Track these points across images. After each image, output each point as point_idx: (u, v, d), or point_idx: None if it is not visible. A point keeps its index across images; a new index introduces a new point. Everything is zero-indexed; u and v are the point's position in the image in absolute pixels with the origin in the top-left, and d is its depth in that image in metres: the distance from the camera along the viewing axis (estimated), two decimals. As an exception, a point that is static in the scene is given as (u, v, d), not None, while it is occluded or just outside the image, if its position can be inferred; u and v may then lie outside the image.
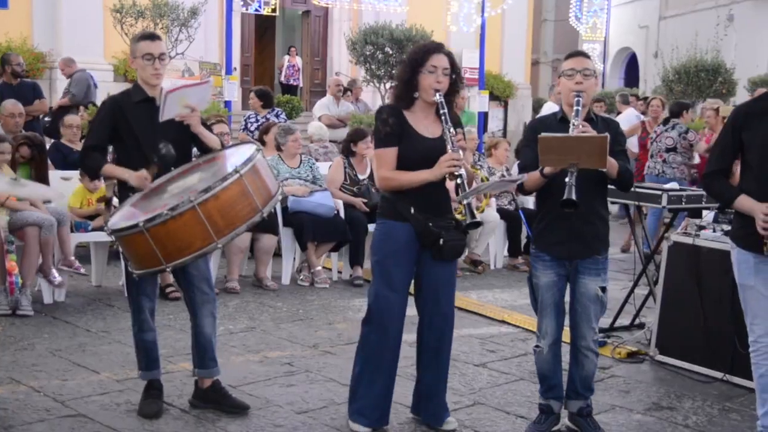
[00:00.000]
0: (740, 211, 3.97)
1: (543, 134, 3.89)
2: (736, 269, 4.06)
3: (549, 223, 4.13)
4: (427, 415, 4.33)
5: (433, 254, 4.10)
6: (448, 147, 4.00)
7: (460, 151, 4.02)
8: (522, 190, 4.25)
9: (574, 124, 3.94)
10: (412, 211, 4.06)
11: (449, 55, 4.12)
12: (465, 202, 3.96)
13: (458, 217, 4.25)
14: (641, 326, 6.20)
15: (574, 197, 3.80)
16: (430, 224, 4.05)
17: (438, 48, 4.13)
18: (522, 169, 4.18)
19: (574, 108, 4.01)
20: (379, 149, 4.15)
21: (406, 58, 4.20)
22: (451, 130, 4.03)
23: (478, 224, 4.12)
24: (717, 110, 10.07)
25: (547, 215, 4.15)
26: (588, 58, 4.20)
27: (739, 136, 3.97)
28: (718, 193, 4.12)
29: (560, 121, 4.15)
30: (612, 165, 3.98)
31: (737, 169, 4.15)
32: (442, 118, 4.04)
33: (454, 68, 4.12)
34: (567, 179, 3.84)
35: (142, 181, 4.26)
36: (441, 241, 4.04)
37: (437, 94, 4.05)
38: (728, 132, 4.06)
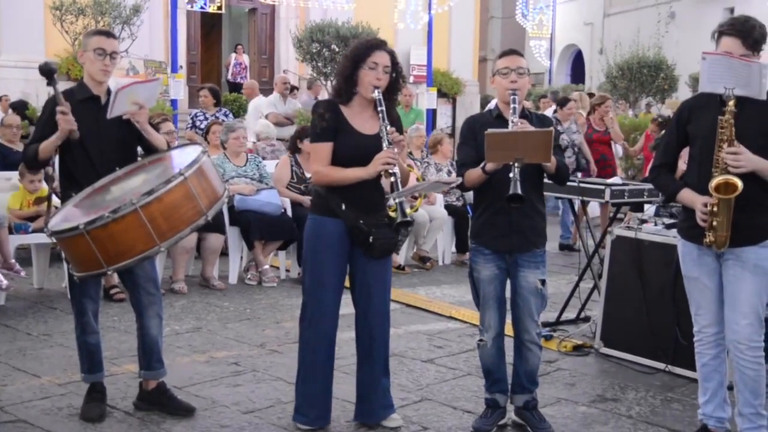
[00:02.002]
0: (683, 204, 4.04)
1: (490, 130, 3.91)
2: (681, 261, 4.13)
3: (489, 217, 4.16)
4: (363, 415, 4.29)
5: (363, 252, 4.09)
6: (384, 144, 3.98)
7: (396, 149, 3.99)
8: (462, 187, 4.27)
9: (513, 122, 3.97)
10: (343, 207, 4.03)
11: (391, 53, 4.10)
12: (397, 200, 3.94)
13: (392, 214, 4.22)
14: (587, 319, 6.28)
15: (520, 191, 3.83)
16: (361, 221, 4.03)
17: (380, 45, 4.10)
18: (461, 166, 4.20)
19: (511, 106, 4.04)
20: (315, 143, 4.11)
21: (347, 53, 4.14)
22: (388, 127, 4.00)
23: (409, 223, 4.10)
24: None
25: (487, 210, 4.18)
26: (521, 56, 4.22)
27: (685, 129, 4.03)
28: (662, 186, 4.21)
29: (497, 119, 4.17)
30: (551, 160, 4.03)
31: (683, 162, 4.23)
32: (380, 115, 4.01)
33: (396, 66, 4.10)
34: (511, 174, 3.86)
35: (65, 122, 4.10)
36: (371, 239, 4.02)
37: (376, 91, 4.02)
38: (674, 126, 4.12)
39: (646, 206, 5.99)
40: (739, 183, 3.69)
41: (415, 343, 5.88)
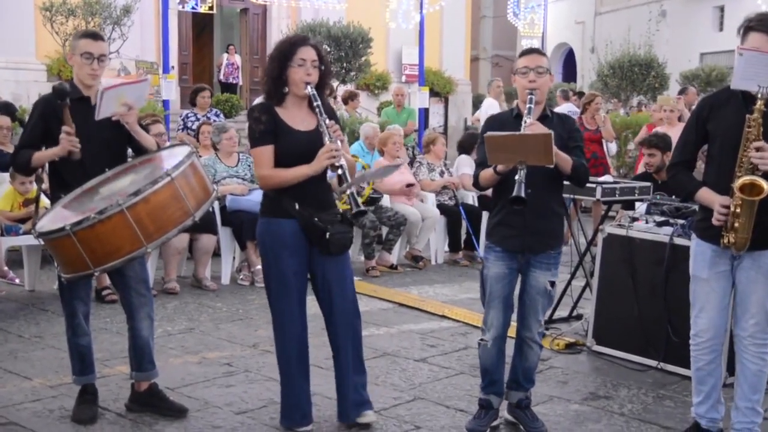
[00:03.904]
0: (701, 204, 3.97)
1: (489, 133, 3.91)
2: (692, 260, 4.04)
3: (503, 217, 4.14)
4: (339, 414, 4.26)
5: (321, 249, 4.06)
6: (326, 139, 3.96)
7: (339, 142, 3.99)
8: (477, 186, 4.27)
9: (525, 122, 3.97)
10: (297, 206, 4.01)
11: (317, 47, 4.08)
12: (348, 191, 3.92)
13: (342, 207, 4.19)
14: (579, 317, 6.29)
15: (523, 194, 3.81)
16: (316, 219, 4.01)
17: (304, 41, 4.08)
18: (479, 165, 4.20)
19: (527, 105, 4.02)
20: (255, 148, 4.06)
21: (273, 54, 4.11)
22: (327, 121, 3.99)
23: (364, 213, 4.09)
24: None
25: (502, 209, 4.15)
26: (542, 55, 4.20)
27: (704, 127, 3.94)
28: (680, 185, 4.09)
29: (515, 118, 4.15)
30: (565, 161, 3.99)
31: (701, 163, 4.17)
32: (317, 110, 4.01)
33: (322, 60, 4.08)
34: (516, 177, 3.85)
35: (68, 143, 4.12)
36: (327, 235, 4.00)
37: (308, 87, 4.00)
38: (693, 123, 4.03)
39: (637, 204, 6.00)
40: (766, 185, 3.61)
41: (408, 342, 5.88)
